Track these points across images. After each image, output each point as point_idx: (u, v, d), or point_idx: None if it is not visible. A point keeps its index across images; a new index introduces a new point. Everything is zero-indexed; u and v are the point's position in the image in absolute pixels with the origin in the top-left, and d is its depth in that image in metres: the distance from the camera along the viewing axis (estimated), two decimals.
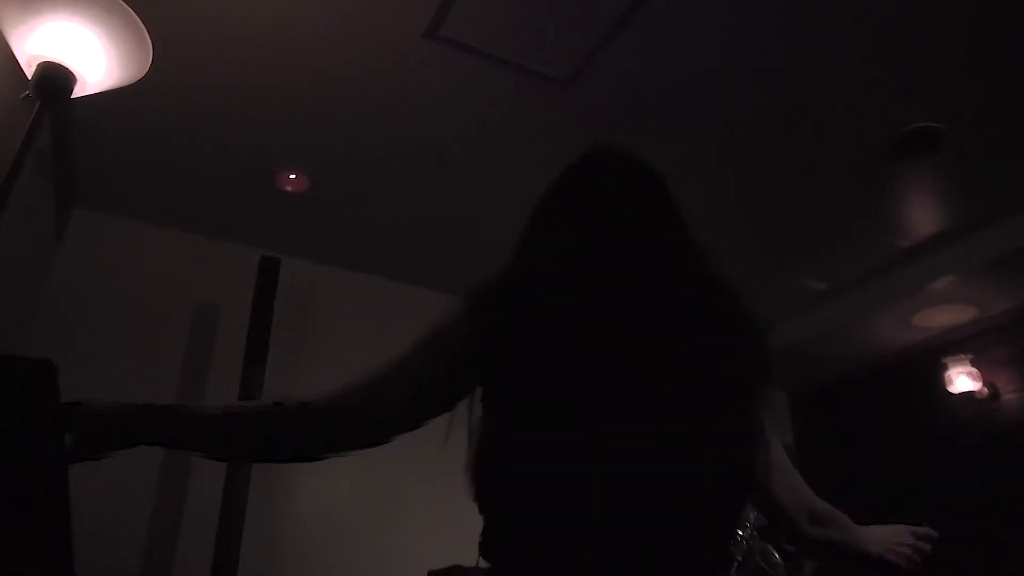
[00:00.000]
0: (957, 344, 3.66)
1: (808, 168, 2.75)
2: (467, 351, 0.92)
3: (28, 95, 1.64)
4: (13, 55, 1.67)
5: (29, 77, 1.65)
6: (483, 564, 0.89)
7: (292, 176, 2.83)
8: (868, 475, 3.73)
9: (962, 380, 3.52)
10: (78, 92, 1.70)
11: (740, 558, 1.18)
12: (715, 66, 2.30)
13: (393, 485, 3.22)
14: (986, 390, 3.48)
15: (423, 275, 3.57)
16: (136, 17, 1.69)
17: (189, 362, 3.04)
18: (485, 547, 0.89)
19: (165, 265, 3.12)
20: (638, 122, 2.53)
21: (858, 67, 2.29)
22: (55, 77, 1.63)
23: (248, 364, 2.66)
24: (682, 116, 2.51)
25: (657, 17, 2.11)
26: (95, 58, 1.68)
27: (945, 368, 3.59)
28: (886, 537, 1.22)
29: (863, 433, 3.96)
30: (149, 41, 1.74)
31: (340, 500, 3.13)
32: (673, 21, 2.14)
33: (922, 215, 3.08)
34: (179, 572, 2.71)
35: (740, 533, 1.25)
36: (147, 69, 1.79)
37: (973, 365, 3.53)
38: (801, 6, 2.09)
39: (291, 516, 3.00)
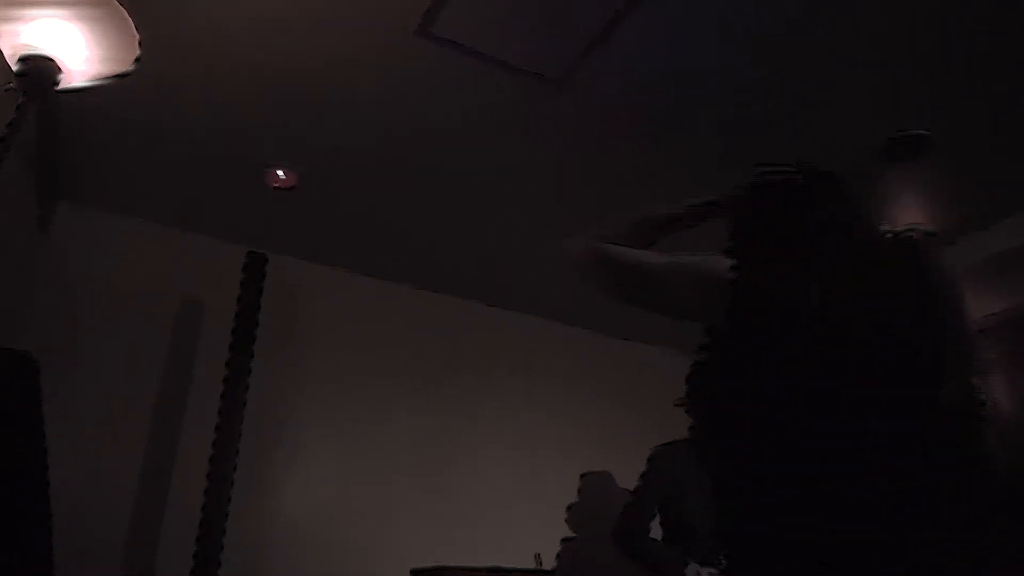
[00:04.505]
0: None
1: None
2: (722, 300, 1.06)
3: (11, 87, 1.61)
4: None
5: (13, 68, 1.63)
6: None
7: (280, 173, 2.82)
8: None
9: None
10: (63, 84, 1.68)
11: None
12: (707, 67, 2.30)
13: (378, 484, 3.22)
14: None
15: (410, 273, 3.56)
16: (123, 10, 1.67)
17: (173, 357, 3.02)
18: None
19: (150, 260, 3.10)
20: (630, 123, 2.53)
21: (848, 73, 2.30)
22: (40, 69, 1.61)
23: (233, 360, 2.64)
24: (674, 118, 2.51)
25: (650, 18, 2.11)
26: (80, 50, 1.66)
27: None
28: None
29: None
30: (136, 34, 1.72)
31: (324, 498, 3.11)
32: (666, 23, 2.14)
33: (911, 220, 3.10)
34: (161, 567, 2.69)
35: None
36: (133, 62, 1.77)
37: None
38: (793, 12, 2.09)
39: (275, 513, 2.98)
